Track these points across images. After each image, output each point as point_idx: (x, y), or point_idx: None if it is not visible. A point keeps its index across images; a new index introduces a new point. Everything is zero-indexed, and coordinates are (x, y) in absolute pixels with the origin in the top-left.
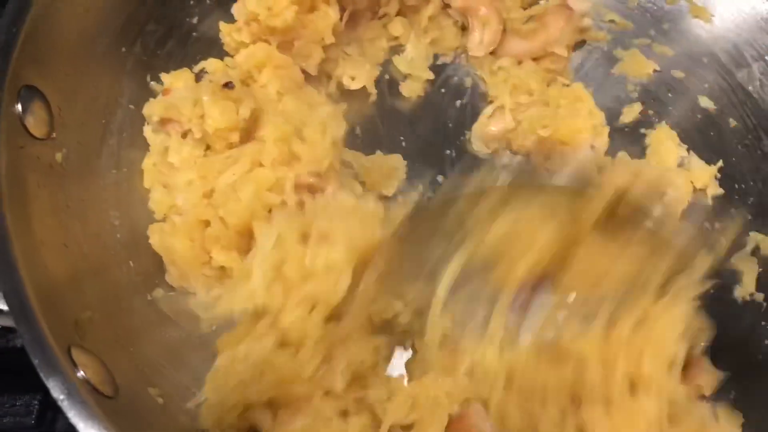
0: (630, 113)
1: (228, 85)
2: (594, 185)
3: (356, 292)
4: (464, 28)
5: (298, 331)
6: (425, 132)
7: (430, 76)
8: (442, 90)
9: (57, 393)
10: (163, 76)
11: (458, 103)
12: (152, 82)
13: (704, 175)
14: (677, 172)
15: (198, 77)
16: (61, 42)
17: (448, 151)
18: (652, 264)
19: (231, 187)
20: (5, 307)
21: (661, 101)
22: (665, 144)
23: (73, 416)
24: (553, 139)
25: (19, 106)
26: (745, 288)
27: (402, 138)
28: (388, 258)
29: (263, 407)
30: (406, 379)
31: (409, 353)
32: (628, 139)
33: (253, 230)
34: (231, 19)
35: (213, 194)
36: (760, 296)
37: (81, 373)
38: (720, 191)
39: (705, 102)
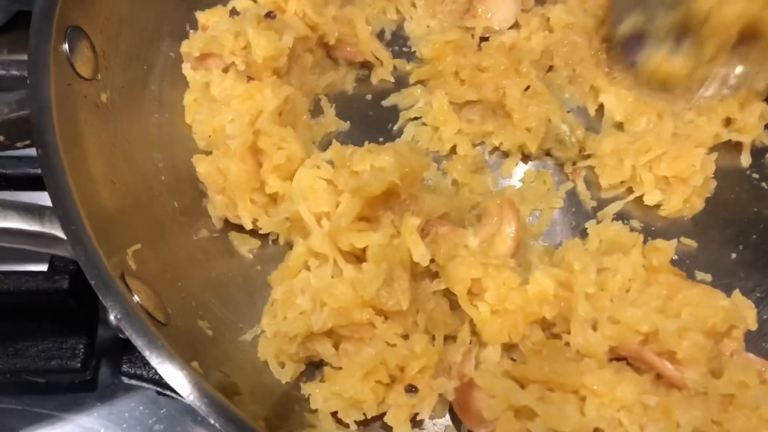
0: None
1: (270, 15)
2: None
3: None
4: None
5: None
6: None
7: None
8: None
9: (115, 311)
10: (198, 15)
11: None
12: (191, 31)
13: None
14: None
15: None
16: None
17: None
18: None
19: (276, 111)
20: (62, 235)
21: None
22: None
23: (131, 334)
24: None
25: (66, 46)
26: None
27: None
28: None
29: (323, 338)
30: None
31: None
32: None
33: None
34: None
35: (260, 118)
36: None
37: (136, 298)
38: None
39: None
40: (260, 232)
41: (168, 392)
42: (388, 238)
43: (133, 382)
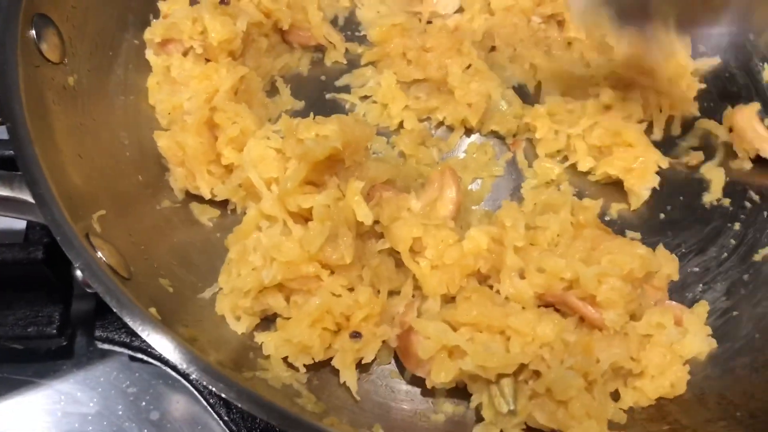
0: None
1: (224, 2)
2: None
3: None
4: None
5: (301, 208)
6: None
7: None
8: None
9: (78, 262)
10: (160, 4)
11: None
12: (154, 20)
13: None
14: None
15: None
16: None
17: None
18: None
19: (231, 89)
20: (31, 199)
21: None
22: None
23: (93, 283)
24: None
25: (33, 32)
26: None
27: None
28: None
29: (275, 292)
30: None
31: None
32: None
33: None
34: None
35: (216, 96)
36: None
37: (99, 254)
38: None
39: None
40: (216, 199)
41: (140, 356)
42: (332, 200)
43: (106, 346)
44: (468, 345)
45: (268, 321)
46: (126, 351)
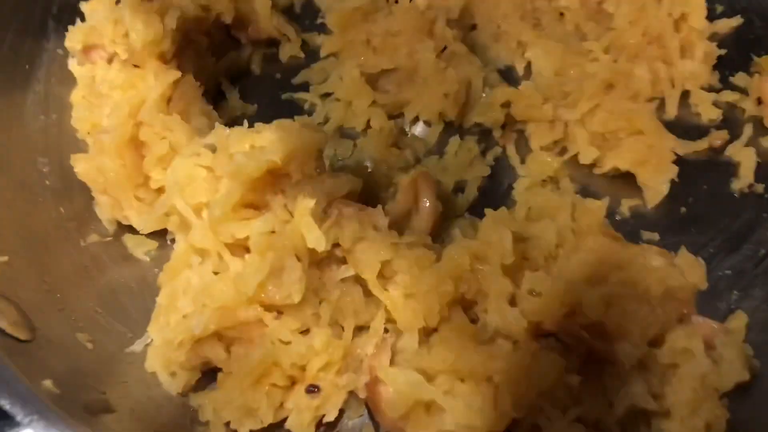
0: None
1: None
2: None
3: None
4: None
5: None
6: None
7: None
8: None
9: None
10: (83, 5)
11: None
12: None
13: None
14: None
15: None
16: None
17: None
18: None
19: (162, 99)
20: None
21: None
22: None
23: None
24: None
25: None
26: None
27: None
28: None
29: (213, 341)
30: None
31: None
32: None
33: None
34: None
35: (143, 108)
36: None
37: None
38: None
39: None
40: (142, 233)
41: None
42: (274, 225)
43: None
44: (446, 400)
45: (213, 374)
46: None
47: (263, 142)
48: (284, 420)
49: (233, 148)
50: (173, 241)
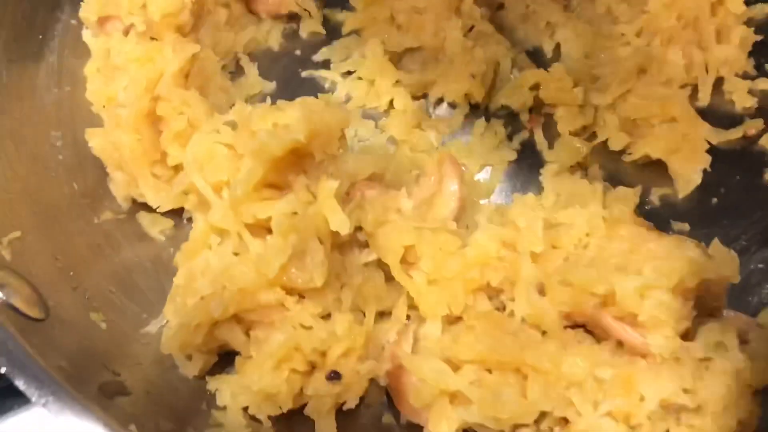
0: None
1: None
2: None
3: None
4: None
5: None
6: None
7: None
8: None
9: None
10: None
11: None
12: None
13: None
14: None
15: None
16: None
17: None
18: None
19: (180, 73)
20: None
21: None
22: None
23: None
24: None
25: None
26: None
27: None
28: None
29: (232, 324)
30: None
31: None
32: None
33: None
34: None
35: (160, 82)
36: None
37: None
38: None
39: None
40: (159, 211)
41: None
42: (296, 206)
43: None
44: (473, 390)
45: (230, 357)
46: None
47: (287, 120)
48: (303, 407)
49: (255, 126)
50: (189, 219)
